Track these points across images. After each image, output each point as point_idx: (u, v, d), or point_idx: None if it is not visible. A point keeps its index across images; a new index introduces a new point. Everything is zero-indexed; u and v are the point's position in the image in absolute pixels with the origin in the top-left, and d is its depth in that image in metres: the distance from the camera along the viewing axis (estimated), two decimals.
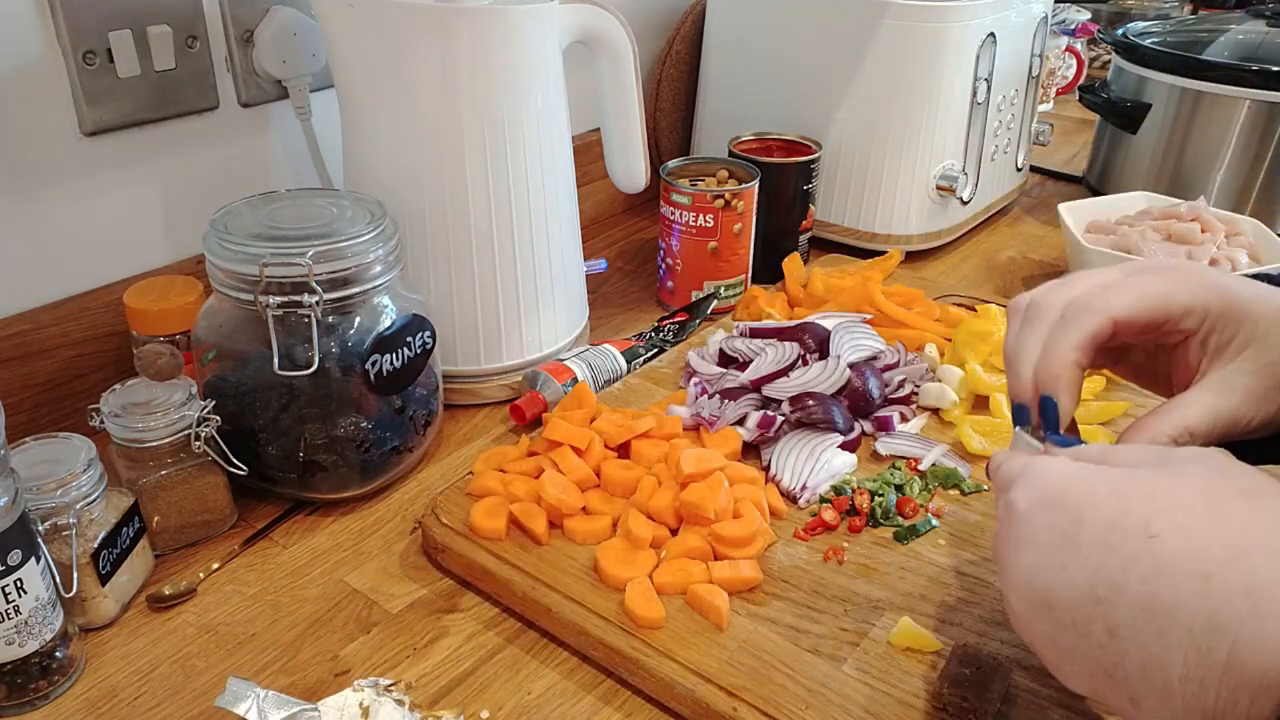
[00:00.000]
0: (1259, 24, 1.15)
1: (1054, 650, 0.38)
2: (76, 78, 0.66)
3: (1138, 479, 0.37)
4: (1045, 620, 0.37)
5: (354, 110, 0.70)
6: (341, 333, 0.61)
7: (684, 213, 0.87)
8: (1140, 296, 0.44)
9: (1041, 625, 0.38)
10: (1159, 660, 0.33)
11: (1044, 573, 0.37)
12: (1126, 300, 0.44)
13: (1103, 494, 0.37)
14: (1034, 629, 0.38)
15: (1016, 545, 0.39)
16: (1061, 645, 0.37)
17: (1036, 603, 0.38)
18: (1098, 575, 0.35)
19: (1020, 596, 0.38)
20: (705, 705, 0.49)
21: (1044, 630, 0.38)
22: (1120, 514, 0.36)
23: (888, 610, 0.55)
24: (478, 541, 0.59)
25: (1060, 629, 0.37)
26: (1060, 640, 0.37)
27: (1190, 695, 0.32)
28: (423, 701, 0.51)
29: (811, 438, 0.67)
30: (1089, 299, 0.45)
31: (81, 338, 0.71)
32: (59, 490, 0.52)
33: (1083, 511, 0.37)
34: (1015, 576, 0.39)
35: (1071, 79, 1.61)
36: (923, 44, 0.94)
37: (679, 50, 1.13)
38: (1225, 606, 0.32)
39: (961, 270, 1.03)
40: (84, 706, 0.51)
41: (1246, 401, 0.43)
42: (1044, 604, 0.37)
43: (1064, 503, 0.38)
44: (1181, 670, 0.33)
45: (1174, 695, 0.33)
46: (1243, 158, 1.06)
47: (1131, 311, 0.44)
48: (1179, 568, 0.33)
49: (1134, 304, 0.44)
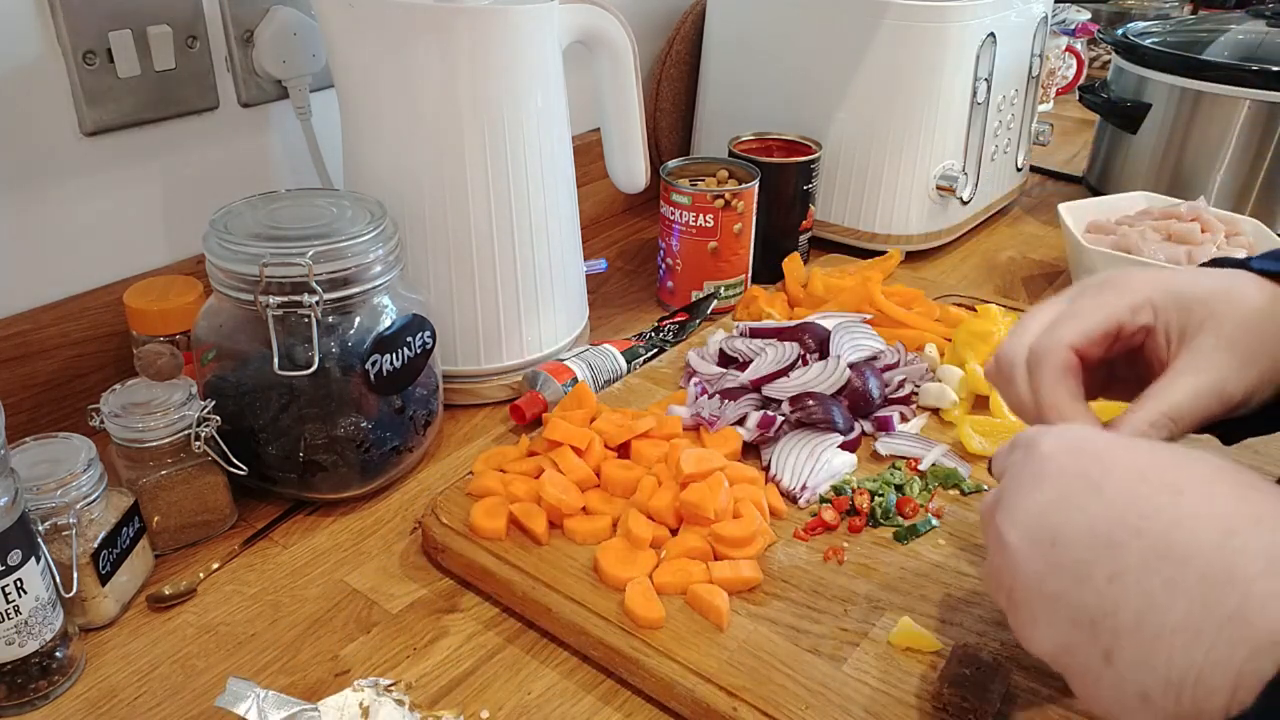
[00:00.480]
0: (1259, 24, 1.15)
1: (1037, 595, 0.37)
2: (76, 78, 0.66)
3: (1169, 451, 0.38)
4: (1042, 559, 0.37)
5: (354, 110, 0.70)
6: (341, 333, 0.61)
7: (684, 213, 0.87)
8: (1085, 317, 0.46)
9: (1035, 564, 0.37)
10: (1158, 607, 0.33)
11: (1058, 510, 0.37)
12: (1075, 327, 0.46)
13: (1135, 453, 0.38)
14: (1024, 567, 0.38)
15: (1034, 481, 0.39)
16: (1048, 589, 0.37)
17: (1040, 539, 0.37)
18: (1117, 519, 0.35)
19: (1023, 532, 0.38)
20: (705, 705, 0.49)
21: (1034, 569, 0.37)
22: (1150, 469, 0.36)
23: (888, 610, 0.55)
24: (478, 541, 0.59)
25: (1055, 570, 0.36)
26: (1049, 583, 0.37)
27: (1180, 646, 0.32)
28: (423, 701, 0.51)
29: (811, 438, 0.67)
30: (1042, 342, 0.46)
31: (81, 338, 0.71)
32: (59, 490, 0.52)
33: (1114, 461, 0.37)
34: (1023, 512, 0.38)
35: (1071, 79, 1.61)
36: (923, 44, 0.94)
37: (679, 50, 1.13)
38: (1242, 561, 0.32)
39: (961, 270, 1.03)
40: (84, 706, 0.51)
41: (1226, 376, 0.43)
42: (1048, 541, 0.37)
43: (1095, 453, 0.38)
44: (1180, 619, 0.32)
45: (1161, 647, 0.33)
46: (1243, 158, 1.06)
47: (1084, 332, 0.46)
48: (1201, 521, 0.34)
49: (1083, 326, 0.46)
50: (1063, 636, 0.37)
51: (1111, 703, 0.35)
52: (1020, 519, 0.39)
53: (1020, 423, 0.69)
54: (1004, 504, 0.40)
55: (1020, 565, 0.38)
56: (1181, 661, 0.32)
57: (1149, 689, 0.33)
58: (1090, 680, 0.36)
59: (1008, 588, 0.39)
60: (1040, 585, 0.37)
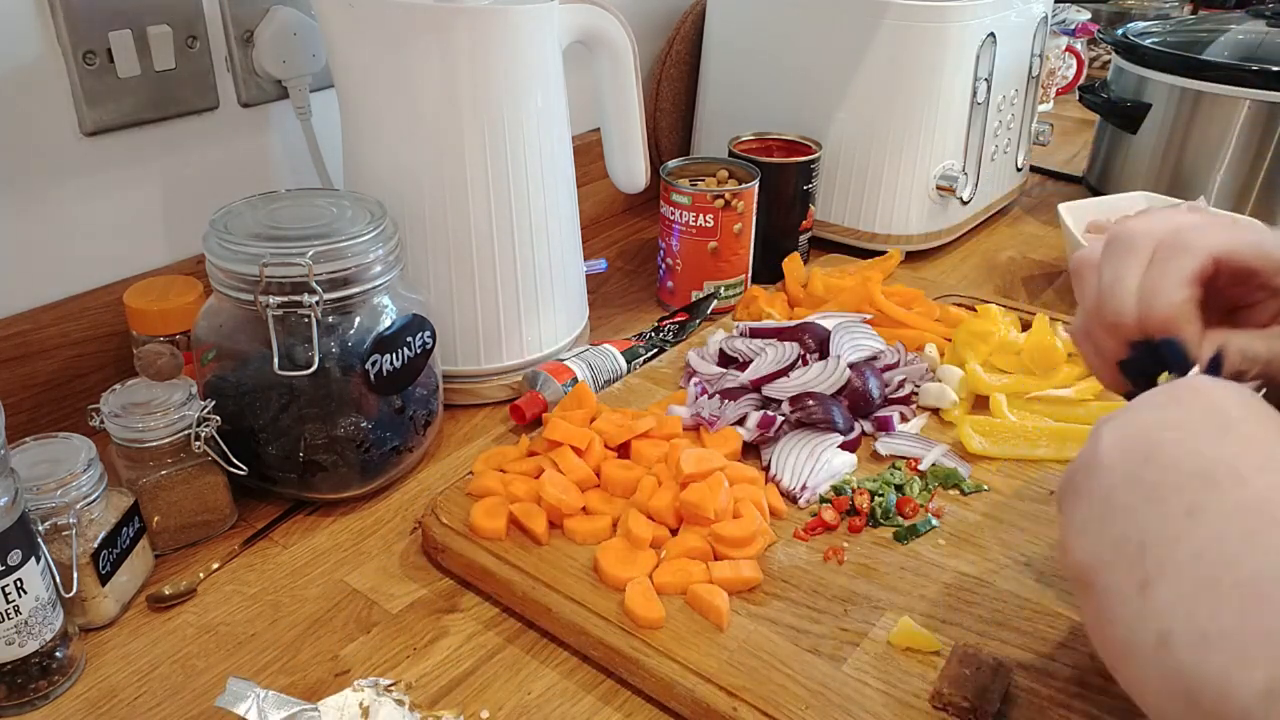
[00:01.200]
0: (1259, 24, 1.15)
1: (1103, 503, 0.36)
2: (76, 78, 0.66)
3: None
4: (1126, 469, 0.35)
5: (354, 110, 0.70)
6: (341, 333, 0.61)
7: (684, 213, 0.87)
8: (1240, 237, 0.42)
9: (1117, 473, 0.36)
10: (1227, 556, 0.31)
11: (1170, 431, 0.36)
12: (1223, 240, 0.41)
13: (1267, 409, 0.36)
14: (1105, 472, 0.36)
15: (1165, 400, 0.37)
16: (1117, 499, 0.35)
17: (1134, 450, 0.36)
18: (1228, 461, 0.34)
19: (1121, 438, 0.37)
20: (705, 705, 0.49)
21: (1114, 478, 0.36)
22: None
23: (888, 610, 0.55)
24: (478, 541, 0.59)
25: (1133, 483, 0.35)
26: (1121, 494, 0.35)
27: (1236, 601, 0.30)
28: (423, 701, 0.51)
29: (811, 438, 0.67)
30: (1187, 235, 0.42)
31: (81, 338, 0.71)
32: (59, 490, 0.52)
33: (1243, 409, 0.36)
34: (1133, 424, 0.37)
35: (1071, 79, 1.61)
36: (923, 44, 0.94)
37: (679, 50, 1.13)
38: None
39: (961, 270, 1.03)
40: (84, 706, 0.51)
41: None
42: (1142, 455, 0.36)
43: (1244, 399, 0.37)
44: (1248, 575, 0.31)
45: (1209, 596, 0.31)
46: (1243, 158, 1.06)
47: (1231, 250, 0.41)
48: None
49: (1231, 243, 0.41)
50: (1106, 552, 0.35)
51: (1122, 638, 0.34)
52: (1126, 428, 0.37)
53: (1021, 423, 0.69)
54: (1121, 414, 0.38)
55: (1101, 469, 0.36)
56: (1231, 620, 0.30)
57: (1173, 633, 0.32)
58: (1110, 607, 0.34)
59: (1078, 487, 0.37)
60: (1110, 493, 0.36)
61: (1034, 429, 0.69)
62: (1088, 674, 0.50)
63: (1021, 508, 0.63)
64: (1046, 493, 0.65)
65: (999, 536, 0.61)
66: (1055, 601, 0.55)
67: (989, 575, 0.57)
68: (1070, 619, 0.54)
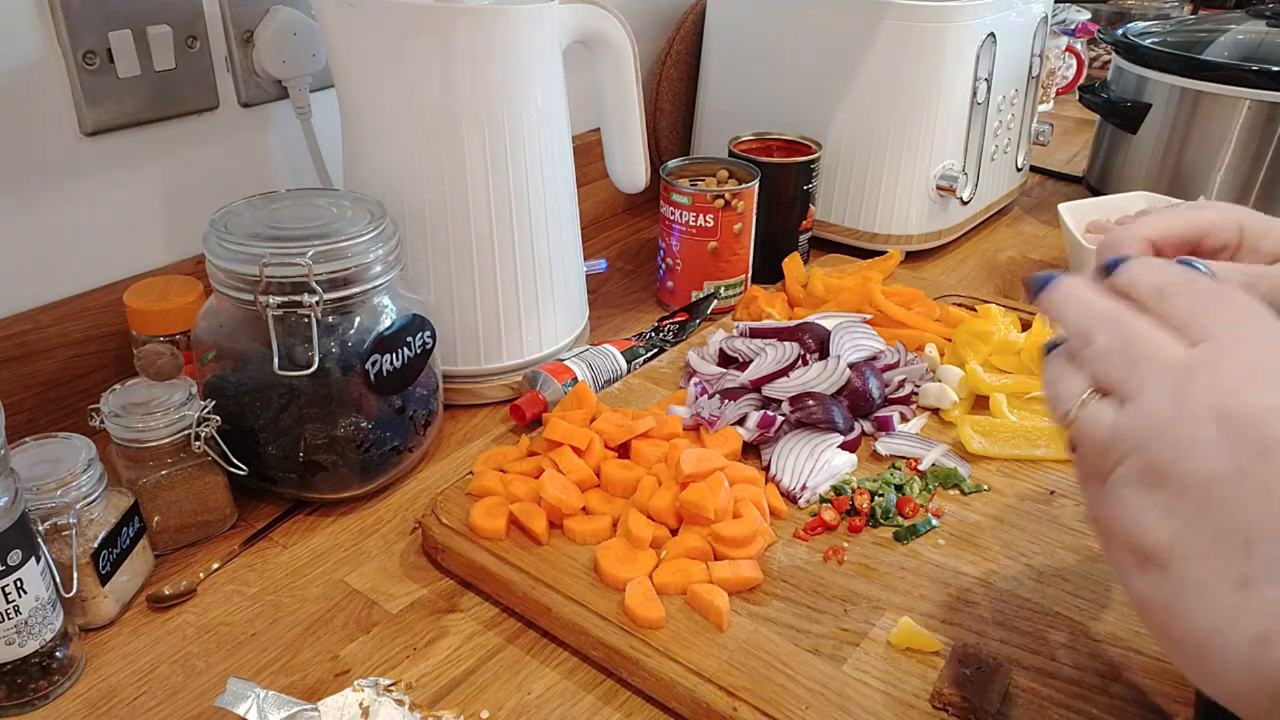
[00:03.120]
0: (1259, 24, 1.15)
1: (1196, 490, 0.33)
2: (76, 78, 0.66)
3: None
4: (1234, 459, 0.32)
5: (354, 110, 0.70)
6: (341, 333, 0.61)
7: (684, 213, 0.87)
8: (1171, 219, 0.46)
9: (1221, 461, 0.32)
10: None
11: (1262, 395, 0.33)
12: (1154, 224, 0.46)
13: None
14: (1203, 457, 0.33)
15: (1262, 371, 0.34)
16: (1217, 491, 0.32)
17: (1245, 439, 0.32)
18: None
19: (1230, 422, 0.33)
20: (705, 705, 0.49)
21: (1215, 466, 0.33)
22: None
23: (888, 610, 0.55)
24: (478, 541, 0.59)
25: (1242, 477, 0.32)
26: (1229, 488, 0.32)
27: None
28: (423, 701, 0.51)
29: (811, 438, 0.67)
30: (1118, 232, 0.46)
31: (81, 338, 0.71)
32: (59, 490, 0.52)
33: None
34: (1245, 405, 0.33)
35: (1071, 79, 1.61)
36: (923, 44, 0.94)
37: (679, 50, 1.13)
38: None
39: (961, 270, 1.03)
40: (84, 706, 0.51)
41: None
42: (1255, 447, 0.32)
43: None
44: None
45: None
46: (1243, 158, 1.06)
47: (1163, 231, 0.45)
48: None
49: (1163, 225, 0.45)
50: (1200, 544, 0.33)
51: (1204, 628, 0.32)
52: (1236, 408, 0.33)
53: (1021, 423, 0.69)
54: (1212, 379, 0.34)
55: (1198, 452, 0.33)
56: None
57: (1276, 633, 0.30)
58: (1195, 598, 0.33)
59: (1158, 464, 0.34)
60: (1212, 484, 0.33)
61: (1034, 429, 0.69)
62: (1088, 674, 0.50)
63: (1021, 508, 0.63)
64: (1047, 493, 0.65)
65: (999, 536, 0.61)
66: (1055, 601, 0.55)
67: (989, 575, 0.57)
68: (1070, 619, 0.54)
